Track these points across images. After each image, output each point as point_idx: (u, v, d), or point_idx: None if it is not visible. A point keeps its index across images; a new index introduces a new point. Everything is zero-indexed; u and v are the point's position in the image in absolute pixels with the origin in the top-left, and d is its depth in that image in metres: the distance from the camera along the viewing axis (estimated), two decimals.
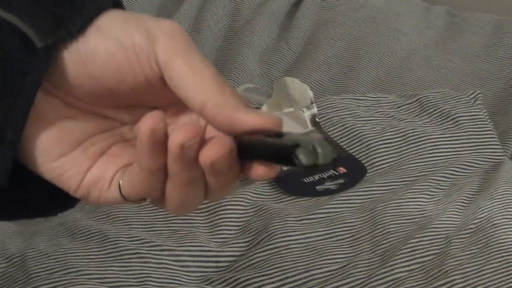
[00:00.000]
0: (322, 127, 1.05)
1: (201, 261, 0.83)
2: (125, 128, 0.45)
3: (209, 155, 0.38)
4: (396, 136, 1.03)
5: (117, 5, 0.43)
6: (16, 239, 0.86)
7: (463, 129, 1.05)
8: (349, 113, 1.07)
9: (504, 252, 0.81)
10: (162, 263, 0.81)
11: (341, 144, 1.03)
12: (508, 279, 0.78)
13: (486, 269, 0.79)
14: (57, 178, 0.42)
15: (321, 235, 0.86)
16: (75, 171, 0.42)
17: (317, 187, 0.95)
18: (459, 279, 0.78)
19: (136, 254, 0.81)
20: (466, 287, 0.77)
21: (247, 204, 0.91)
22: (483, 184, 0.96)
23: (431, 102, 1.10)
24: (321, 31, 1.50)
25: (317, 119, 1.05)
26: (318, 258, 0.83)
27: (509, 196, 0.91)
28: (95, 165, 0.43)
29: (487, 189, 0.93)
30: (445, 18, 1.60)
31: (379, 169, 1.00)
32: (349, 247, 0.85)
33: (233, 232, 0.88)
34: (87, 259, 0.80)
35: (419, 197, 0.93)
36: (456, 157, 1.02)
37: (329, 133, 1.04)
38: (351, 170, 0.98)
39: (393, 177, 0.97)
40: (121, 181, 0.42)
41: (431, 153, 1.02)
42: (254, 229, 0.87)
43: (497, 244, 0.83)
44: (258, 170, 0.39)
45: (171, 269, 0.81)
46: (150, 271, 0.80)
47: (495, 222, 0.86)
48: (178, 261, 0.82)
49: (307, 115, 1.04)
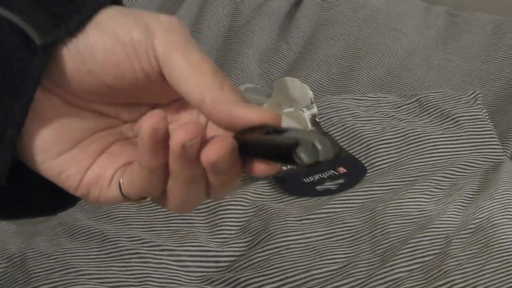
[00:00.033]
0: (322, 127, 1.05)
1: (201, 261, 0.83)
2: (125, 126, 0.45)
3: (211, 154, 0.38)
4: (396, 136, 1.03)
5: (116, 2, 0.43)
6: (16, 239, 0.86)
7: (463, 129, 1.05)
8: (349, 113, 1.07)
9: (504, 252, 0.81)
10: (162, 263, 0.81)
11: (341, 144, 1.03)
12: (508, 279, 0.78)
13: (486, 269, 0.79)
14: (57, 176, 0.42)
15: (321, 235, 0.86)
16: (75, 169, 0.42)
17: (317, 187, 0.95)
18: (459, 279, 0.78)
19: (136, 254, 0.81)
20: (466, 287, 0.77)
21: (247, 204, 0.91)
22: (483, 184, 0.96)
23: (431, 102, 1.10)
24: (321, 31, 1.50)
25: (317, 119, 1.05)
26: (318, 258, 0.83)
27: (509, 196, 0.91)
28: (95, 164, 0.43)
29: (487, 189, 0.93)
30: (445, 18, 1.60)
31: (379, 169, 1.00)
32: (349, 247, 0.85)
33: (233, 232, 0.88)
34: (87, 259, 0.80)
35: (419, 197, 0.92)
36: (456, 157, 1.02)
37: (329, 133, 1.04)
38: (351, 170, 0.98)
39: (393, 177, 0.97)
40: (121, 180, 0.42)
41: (431, 153, 1.02)
42: (254, 229, 0.87)
43: (497, 244, 0.83)
44: (259, 167, 0.39)
45: (171, 269, 0.81)
46: (150, 271, 0.80)
47: (495, 222, 0.86)
48: (178, 261, 0.82)
49: (307, 115, 1.04)
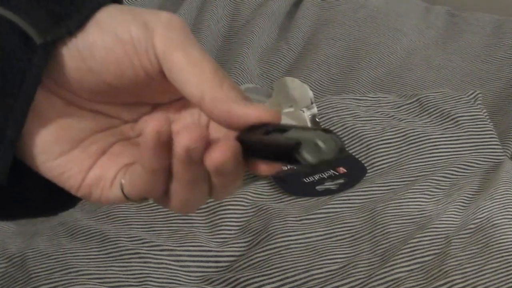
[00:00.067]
0: (322, 127, 1.05)
1: (201, 261, 0.83)
2: (125, 126, 0.44)
3: (214, 158, 0.38)
4: (396, 136, 1.03)
5: (116, 1, 0.43)
6: (16, 239, 0.86)
7: (463, 129, 1.05)
8: (349, 113, 1.07)
9: (504, 252, 0.81)
10: (162, 263, 0.81)
11: None
12: (508, 279, 0.78)
13: (486, 269, 0.79)
14: (58, 177, 0.42)
15: (321, 235, 0.86)
16: (76, 170, 0.42)
17: (317, 187, 0.95)
18: (459, 279, 0.78)
19: (136, 254, 0.81)
20: (466, 287, 0.77)
21: (247, 204, 0.91)
22: (483, 184, 0.96)
23: (431, 102, 1.10)
24: (321, 31, 1.50)
25: (317, 119, 1.05)
26: (318, 258, 0.82)
27: (509, 196, 0.91)
28: (97, 164, 0.43)
29: (487, 189, 0.93)
30: (445, 18, 1.60)
31: (379, 169, 1.00)
32: (349, 247, 0.85)
33: (233, 232, 0.88)
34: (87, 259, 0.80)
35: (419, 197, 0.92)
36: (456, 157, 1.02)
37: None
38: (351, 170, 0.98)
39: (393, 177, 0.97)
40: (123, 181, 0.42)
41: (431, 153, 1.02)
42: (254, 229, 0.87)
43: (497, 244, 0.83)
44: (261, 166, 0.39)
45: (171, 269, 0.81)
46: (150, 271, 0.80)
47: (495, 222, 0.86)
48: (178, 261, 0.82)
49: (307, 115, 1.04)
